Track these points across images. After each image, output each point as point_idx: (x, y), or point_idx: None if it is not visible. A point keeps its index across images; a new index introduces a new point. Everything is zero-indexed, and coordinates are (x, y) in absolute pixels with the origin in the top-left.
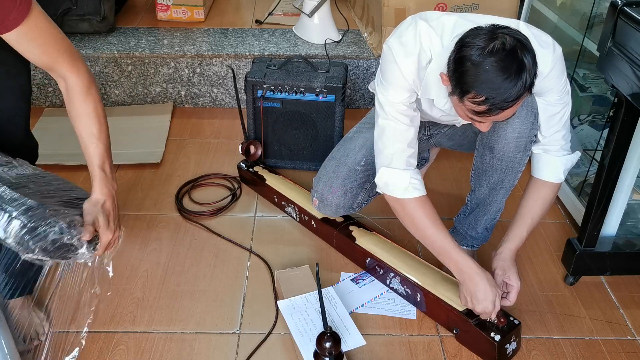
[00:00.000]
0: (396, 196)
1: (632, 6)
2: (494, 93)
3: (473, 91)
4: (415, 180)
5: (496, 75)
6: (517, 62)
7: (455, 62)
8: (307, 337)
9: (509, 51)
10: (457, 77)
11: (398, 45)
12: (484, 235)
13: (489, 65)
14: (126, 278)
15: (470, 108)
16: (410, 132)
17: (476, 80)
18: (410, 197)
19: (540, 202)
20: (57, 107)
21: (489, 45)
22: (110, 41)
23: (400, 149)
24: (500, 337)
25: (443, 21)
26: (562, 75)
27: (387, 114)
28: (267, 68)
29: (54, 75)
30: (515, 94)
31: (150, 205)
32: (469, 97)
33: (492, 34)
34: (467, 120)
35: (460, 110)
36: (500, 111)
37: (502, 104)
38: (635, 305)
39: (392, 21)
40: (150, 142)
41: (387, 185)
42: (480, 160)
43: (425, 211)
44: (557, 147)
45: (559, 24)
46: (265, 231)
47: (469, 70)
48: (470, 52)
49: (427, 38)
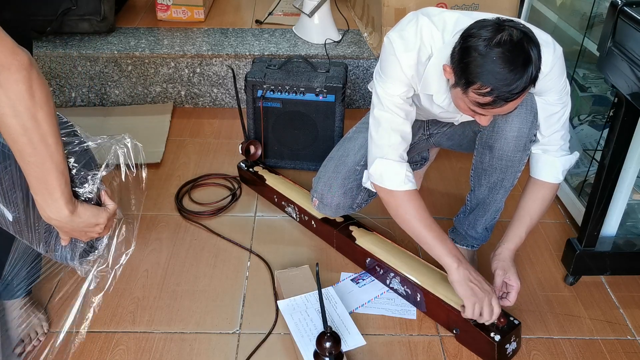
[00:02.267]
0: (390, 188)
1: (632, 6)
2: (500, 84)
3: (479, 82)
4: (410, 173)
5: (503, 66)
6: (524, 54)
7: (461, 52)
8: (307, 337)
9: (516, 43)
10: (462, 68)
11: (398, 39)
12: (484, 235)
13: (496, 56)
14: (126, 278)
15: (474, 99)
16: (406, 126)
17: (483, 71)
18: (404, 189)
19: (540, 203)
20: (56, 107)
21: (496, 37)
22: (110, 41)
23: (396, 141)
24: (500, 337)
25: (445, 17)
26: (561, 75)
27: (384, 106)
28: (267, 68)
29: None
30: (521, 85)
31: (150, 205)
32: (474, 88)
33: (499, 26)
34: (468, 114)
35: (463, 103)
36: (504, 103)
37: (508, 96)
38: (635, 305)
39: (392, 21)
40: (150, 142)
41: (381, 176)
42: (480, 159)
43: (415, 205)
44: (556, 148)
45: (559, 24)
46: (265, 231)
47: (475, 61)
48: (477, 42)
49: (428, 34)
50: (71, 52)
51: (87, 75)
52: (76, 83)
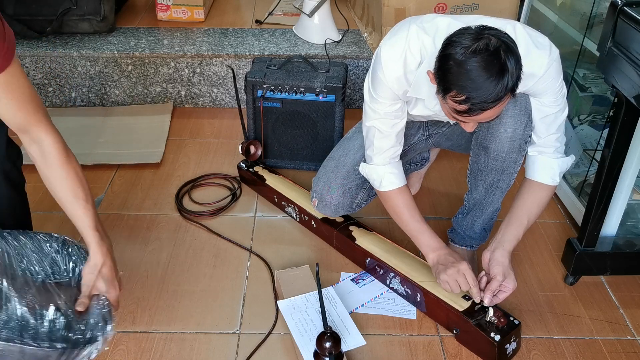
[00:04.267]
0: (376, 189)
1: (632, 6)
2: (474, 93)
3: (454, 90)
4: (391, 174)
5: (477, 74)
6: (499, 63)
7: (440, 60)
8: (307, 337)
9: (492, 52)
10: (440, 75)
11: (388, 47)
12: (482, 235)
13: (470, 64)
14: (126, 278)
15: (452, 107)
16: (391, 136)
17: (458, 79)
18: (385, 190)
19: (536, 205)
20: (57, 107)
21: (473, 45)
22: (110, 41)
23: (380, 150)
24: (500, 337)
25: (437, 22)
26: (557, 78)
27: (370, 118)
28: (267, 68)
29: (27, 138)
30: (495, 95)
31: (150, 205)
32: (451, 96)
33: (478, 34)
34: (452, 120)
35: (445, 110)
36: (480, 112)
37: (482, 105)
38: (635, 305)
39: (392, 21)
40: (150, 142)
41: (368, 177)
42: (476, 160)
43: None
44: (551, 150)
45: (559, 24)
46: (265, 231)
47: (451, 69)
48: (455, 50)
49: (418, 41)
50: (71, 52)
51: (87, 75)
52: (76, 83)
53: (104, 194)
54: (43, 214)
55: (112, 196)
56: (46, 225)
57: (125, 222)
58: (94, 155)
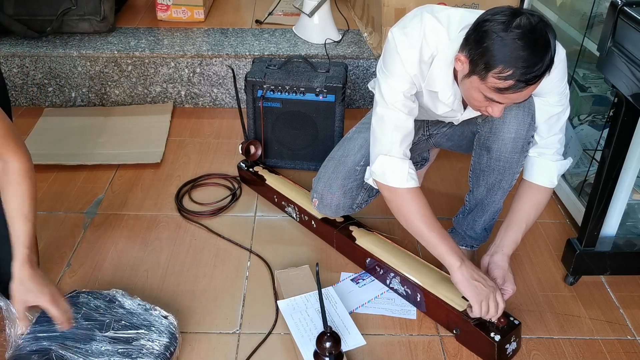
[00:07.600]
0: (393, 185)
1: (632, 6)
2: (522, 66)
3: (500, 65)
4: (412, 171)
5: (524, 48)
6: (543, 38)
7: (478, 38)
8: (307, 337)
9: (534, 26)
10: (480, 53)
11: (401, 35)
12: (483, 235)
13: (517, 37)
14: (126, 278)
15: (493, 85)
16: (409, 123)
17: (504, 54)
18: (407, 187)
19: (535, 207)
20: (57, 107)
21: (515, 20)
22: (110, 41)
23: (399, 138)
24: (500, 337)
25: (449, 13)
26: (563, 78)
27: (387, 103)
28: (267, 68)
29: None
30: (542, 68)
31: (150, 205)
32: (495, 72)
33: (515, 11)
34: (481, 105)
35: (477, 93)
36: (524, 87)
37: (529, 78)
38: (635, 305)
39: (392, 21)
40: (150, 142)
41: (384, 173)
42: (478, 160)
43: (418, 203)
44: (552, 151)
45: (559, 24)
46: (265, 231)
47: (495, 44)
48: (495, 27)
49: (433, 31)
50: (71, 52)
51: (87, 75)
52: (76, 83)
53: (104, 194)
54: (43, 214)
55: (112, 196)
56: (46, 225)
57: (125, 222)
58: (94, 155)
